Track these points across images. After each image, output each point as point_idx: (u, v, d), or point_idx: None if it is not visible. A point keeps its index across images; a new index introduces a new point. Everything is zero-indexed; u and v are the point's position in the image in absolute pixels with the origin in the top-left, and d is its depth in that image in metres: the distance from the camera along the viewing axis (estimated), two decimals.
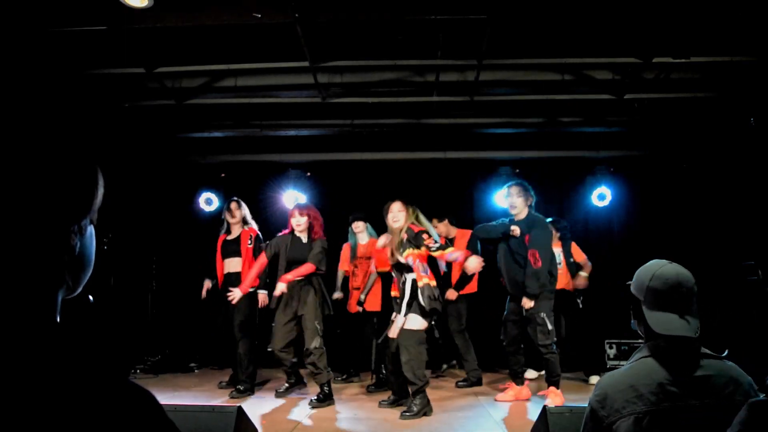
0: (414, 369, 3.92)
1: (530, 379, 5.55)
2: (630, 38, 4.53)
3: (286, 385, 4.84)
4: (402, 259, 4.05)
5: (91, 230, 0.74)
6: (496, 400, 4.54)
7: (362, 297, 5.21)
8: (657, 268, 1.56)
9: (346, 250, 5.51)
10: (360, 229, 5.33)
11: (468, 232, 5.59)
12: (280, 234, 4.61)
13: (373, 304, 5.29)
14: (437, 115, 5.87)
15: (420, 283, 4.01)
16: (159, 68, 4.75)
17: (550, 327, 4.30)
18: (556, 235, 5.16)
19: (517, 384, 4.62)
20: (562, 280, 5.09)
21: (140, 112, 5.65)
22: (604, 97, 5.24)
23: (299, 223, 4.49)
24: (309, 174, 6.69)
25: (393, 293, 4.29)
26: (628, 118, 5.85)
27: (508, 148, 6.46)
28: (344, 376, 5.57)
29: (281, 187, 6.63)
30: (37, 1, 3.73)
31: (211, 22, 4.08)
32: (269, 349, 4.62)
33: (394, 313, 4.24)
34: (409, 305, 4.03)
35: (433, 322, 4.59)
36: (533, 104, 5.69)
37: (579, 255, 5.44)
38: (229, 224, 5.13)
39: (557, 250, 5.15)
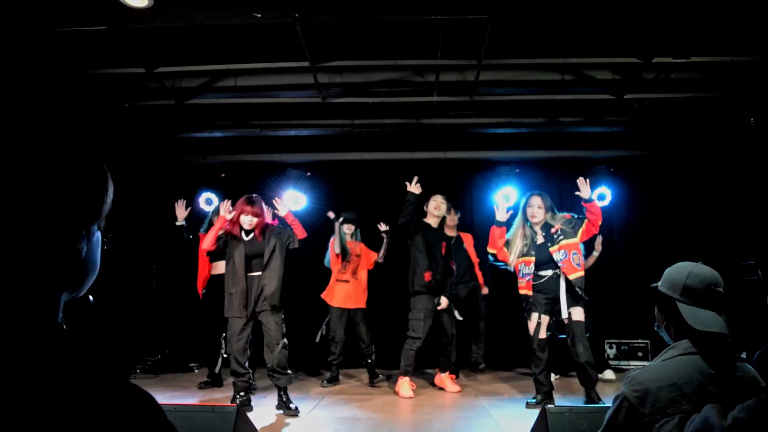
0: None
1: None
2: (630, 38, 4.53)
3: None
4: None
5: (98, 236, 0.74)
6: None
7: None
8: (692, 268, 1.54)
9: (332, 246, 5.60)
10: (351, 231, 5.60)
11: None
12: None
13: (359, 300, 5.49)
14: (437, 115, 5.86)
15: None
16: (159, 68, 4.75)
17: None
18: None
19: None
20: None
21: (140, 112, 5.64)
22: (604, 97, 5.24)
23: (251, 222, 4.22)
24: (309, 174, 6.69)
25: (523, 292, 4.41)
26: (628, 118, 5.84)
27: (508, 148, 6.45)
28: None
29: (281, 187, 6.63)
30: (37, 1, 3.72)
31: (211, 22, 4.07)
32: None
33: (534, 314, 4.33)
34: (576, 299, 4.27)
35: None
36: (533, 104, 5.68)
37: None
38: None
39: None
